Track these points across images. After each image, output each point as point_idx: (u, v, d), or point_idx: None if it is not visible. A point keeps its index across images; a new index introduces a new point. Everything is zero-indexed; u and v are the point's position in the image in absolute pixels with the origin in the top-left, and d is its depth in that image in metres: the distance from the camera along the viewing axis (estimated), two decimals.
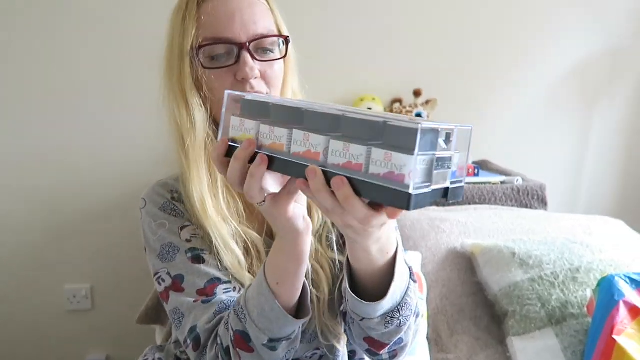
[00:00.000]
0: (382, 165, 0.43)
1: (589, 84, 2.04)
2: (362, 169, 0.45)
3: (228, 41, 0.72)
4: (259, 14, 0.74)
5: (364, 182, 0.45)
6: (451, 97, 1.95)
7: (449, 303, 1.36)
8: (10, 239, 1.85)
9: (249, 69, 0.71)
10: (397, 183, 0.42)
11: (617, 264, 1.28)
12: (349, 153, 0.45)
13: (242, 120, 0.55)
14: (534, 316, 1.19)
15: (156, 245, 0.79)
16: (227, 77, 0.73)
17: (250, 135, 0.54)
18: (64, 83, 1.77)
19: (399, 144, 0.43)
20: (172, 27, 0.76)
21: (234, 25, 0.72)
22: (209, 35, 0.72)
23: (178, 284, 0.76)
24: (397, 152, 0.42)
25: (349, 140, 0.45)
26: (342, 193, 0.46)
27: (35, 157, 1.80)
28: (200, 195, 0.76)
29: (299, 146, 0.49)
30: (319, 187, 0.48)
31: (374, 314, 0.66)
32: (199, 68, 0.73)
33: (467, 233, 1.48)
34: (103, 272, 1.91)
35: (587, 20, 1.98)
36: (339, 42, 1.88)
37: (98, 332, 1.96)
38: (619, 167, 2.14)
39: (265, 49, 0.75)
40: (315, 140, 0.48)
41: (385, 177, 0.43)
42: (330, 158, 0.47)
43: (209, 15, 0.72)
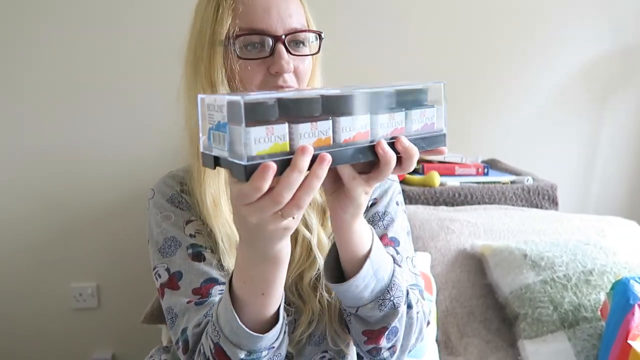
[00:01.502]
0: (418, 121, 0.55)
1: (599, 84, 2.01)
2: (404, 131, 0.55)
3: (264, 32, 0.71)
4: (294, 8, 0.73)
5: (414, 139, 0.55)
6: (460, 96, 1.92)
7: (458, 305, 1.34)
8: (17, 237, 1.85)
9: (284, 62, 0.70)
10: (433, 131, 0.56)
11: (632, 267, 1.25)
12: (395, 121, 0.54)
13: (268, 128, 0.45)
14: (546, 319, 1.17)
15: (159, 238, 0.78)
16: (260, 69, 0.71)
17: (285, 142, 0.46)
18: (70, 80, 1.76)
19: (421, 101, 0.55)
20: (202, 16, 0.73)
21: (271, 17, 0.71)
22: (244, 26, 0.71)
23: (175, 281, 0.75)
24: (426, 108, 0.56)
25: (389, 111, 0.54)
26: (412, 149, 0.54)
27: (41, 155, 1.80)
28: (216, 193, 0.74)
29: (348, 132, 0.50)
30: (391, 159, 0.54)
31: (362, 295, 0.66)
32: (233, 57, 0.71)
33: (477, 234, 1.46)
34: (109, 270, 1.90)
35: (597, 19, 1.95)
36: (344, 43, 1.86)
37: (104, 331, 1.95)
38: (630, 167, 2.11)
39: (298, 43, 0.74)
40: (362, 121, 0.51)
41: (424, 129, 0.56)
42: (379, 131, 0.53)
43: (245, 5, 0.71)
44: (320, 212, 0.78)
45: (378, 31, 1.87)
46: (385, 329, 0.70)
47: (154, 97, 1.72)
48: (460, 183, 1.63)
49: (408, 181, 1.64)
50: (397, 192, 0.86)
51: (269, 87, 0.72)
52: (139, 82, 1.77)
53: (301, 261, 0.76)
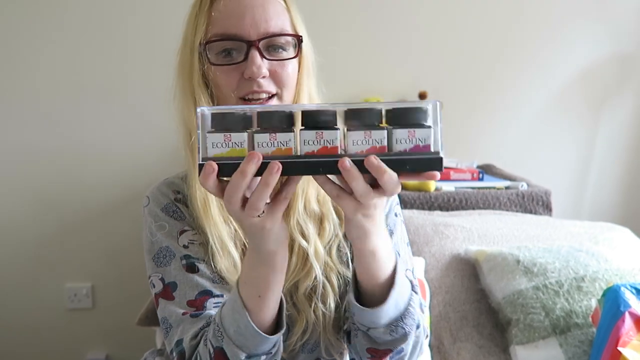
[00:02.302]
0: (408, 141, 0.51)
1: (595, 90, 2.03)
2: (387, 149, 0.51)
3: (237, 38, 0.71)
4: (273, 12, 0.72)
5: (392, 159, 0.51)
6: (456, 100, 1.93)
7: (452, 310, 1.35)
8: (12, 237, 1.85)
9: (255, 67, 0.70)
10: (425, 152, 0.51)
11: (623, 274, 1.26)
12: (371, 139, 0.51)
13: (225, 135, 0.51)
14: (537, 325, 1.18)
15: (153, 248, 0.78)
16: (234, 75, 0.71)
17: (243, 148, 0.52)
18: (67, 81, 1.77)
19: (416, 121, 0.51)
20: (187, 23, 0.76)
21: (243, 22, 0.70)
22: (218, 32, 0.71)
23: (169, 291, 0.75)
24: (418, 128, 0.51)
25: (366, 128, 0.51)
26: (381, 168, 0.51)
27: (36, 156, 1.80)
28: (204, 194, 0.75)
29: (311, 145, 0.51)
30: (355, 174, 0.51)
31: (378, 322, 0.67)
32: (208, 64, 0.72)
33: (471, 239, 1.46)
34: (104, 271, 1.91)
35: (593, 26, 1.97)
36: (344, 45, 1.87)
37: (98, 331, 1.95)
38: (625, 174, 2.12)
39: (276, 48, 0.73)
40: (329, 135, 0.51)
41: (413, 150, 0.51)
42: (351, 148, 0.52)
43: (220, 11, 0.71)
44: (317, 221, 0.78)
45: (376, 38, 1.88)
46: (391, 351, 0.71)
47: (152, 97, 1.72)
48: (455, 188, 1.64)
49: (403, 185, 1.65)
50: (396, 204, 0.86)
51: (244, 92, 0.72)
52: (137, 82, 1.78)
53: (297, 271, 0.76)
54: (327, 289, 0.77)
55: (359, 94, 1.89)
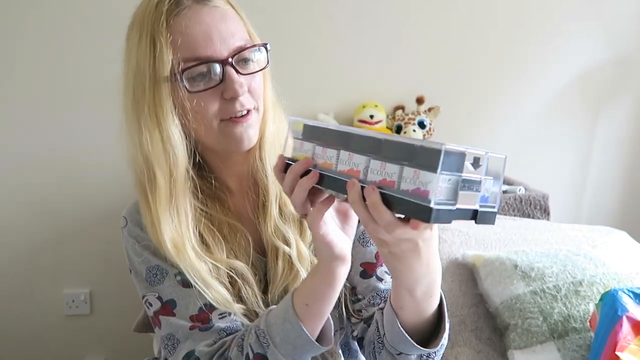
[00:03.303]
0: (411, 182, 0.49)
1: (593, 94, 2.03)
2: (395, 185, 0.50)
3: (210, 59, 0.67)
4: (234, 25, 0.70)
5: (395, 197, 0.50)
6: (454, 104, 1.94)
7: (449, 314, 1.35)
8: (9, 243, 1.85)
9: (238, 86, 0.67)
10: (422, 198, 0.47)
11: (621, 278, 1.26)
12: (385, 171, 0.51)
13: (302, 142, 0.62)
14: (535, 330, 1.18)
15: (141, 268, 0.76)
16: (213, 98, 0.68)
17: (307, 155, 0.60)
18: (64, 85, 1.77)
19: (425, 163, 0.48)
20: (137, 52, 0.68)
21: (213, 41, 0.67)
22: (188, 56, 0.67)
23: (169, 308, 0.74)
24: (423, 170, 0.48)
25: (385, 159, 0.51)
26: (370, 199, 0.50)
27: (34, 161, 1.80)
28: (172, 236, 0.70)
29: (344, 165, 0.55)
30: (355, 199, 0.52)
31: (413, 352, 0.68)
32: (184, 93, 0.67)
33: (468, 243, 1.46)
34: (102, 277, 1.90)
35: (591, 30, 1.97)
36: (342, 49, 1.88)
37: (96, 337, 1.95)
38: (622, 177, 2.13)
39: (246, 61, 0.70)
40: (358, 159, 0.54)
41: (413, 192, 0.48)
42: (370, 175, 0.53)
43: (183, 34, 0.67)
44: (297, 223, 0.79)
45: (374, 42, 1.88)
46: None
47: None
48: None
49: None
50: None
51: (227, 114, 0.69)
52: None
53: (284, 275, 0.76)
54: None
55: (356, 98, 1.89)
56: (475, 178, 0.50)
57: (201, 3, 0.69)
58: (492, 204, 0.52)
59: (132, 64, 0.69)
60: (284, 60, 1.82)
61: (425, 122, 1.85)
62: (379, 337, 0.73)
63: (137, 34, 0.68)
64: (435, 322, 0.69)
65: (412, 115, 1.86)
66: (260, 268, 0.79)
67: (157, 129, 0.68)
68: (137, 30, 0.69)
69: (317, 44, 1.85)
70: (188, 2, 0.68)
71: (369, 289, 0.81)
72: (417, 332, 0.67)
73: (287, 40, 1.81)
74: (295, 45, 1.82)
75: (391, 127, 1.89)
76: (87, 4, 1.73)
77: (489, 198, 0.52)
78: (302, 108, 1.82)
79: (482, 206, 0.51)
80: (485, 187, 0.51)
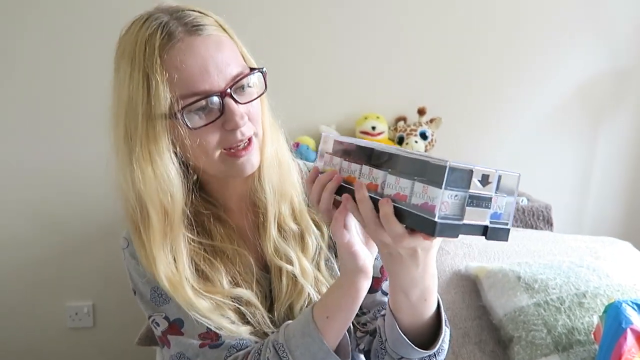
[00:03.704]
0: (421, 196, 0.51)
1: (594, 104, 2.04)
2: (407, 199, 0.53)
3: (208, 93, 0.65)
4: (228, 52, 0.67)
5: (405, 210, 0.52)
6: (456, 115, 1.94)
7: (453, 326, 1.34)
8: (13, 255, 1.85)
9: (238, 117, 0.66)
10: (428, 212, 0.49)
11: (625, 289, 1.25)
12: (399, 185, 0.54)
13: (331, 157, 0.67)
14: (539, 342, 1.17)
15: (145, 289, 0.75)
16: (214, 131, 0.66)
17: (335, 168, 0.65)
18: (68, 98, 1.78)
19: (433, 179, 0.50)
20: (128, 87, 0.65)
21: (210, 74, 0.64)
22: (185, 93, 0.64)
23: (177, 328, 0.74)
24: (431, 186, 0.50)
25: (400, 174, 0.54)
26: (383, 210, 0.53)
27: (37, 174, 1.81)
28: (168, 275, 0.69)
29: (365, 179, 0.59)
30: (362, 197, 0.55)
31: (414, 356, 0.70)
32: (185, 130, 0.65)
33: (471, 255, 1.46)
34: (105, 290, 1.90)
35: (592, 40, 1.98)
36: (344, 61, 1.89)
37: (99, 350, 1.95)
38: (625, 187, 2.12)
39: (243, 88, 0.68)
40: (376, 174, 0.58)
41: (422, 206, 0.51)
42: (386, 189, 0.56)
43: (178, 70, 0.64)
44: (298, 238, 0.78)
45: (375, 54, 1.89)
46: None
47: None
48: None
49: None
50: None
51: (228, 144, 0.68)
52: None
53: (289, 292, 0.77)
54: None
55: (358, 110, 1.90)
56: (485, 195, 0.51)
57: (194, 34, 0.65)
58: (505, 220, 0.53)
59: (124, 98, 0.66)
60: (286, 72, 1.83)
61: (427, 133, 1.86)
62: (381, 343, 0.74)
63: (128, 67, 0.65)
64: (434, 328, 0.71)
65: (414, 126, 1.87)
66: (264, 285, 0.79)
67: (150, 166, 0.66)
68: (128, 64, 0.65)
69: (318, 55, 1.87)
70: (180, 35, 0.65)
71: (374, 303, 0.82)
72: (416, 336, 0.69)
73: (288, 53, 1.82)
74: (297, 57, 1.84)
75: (393, 138, 1.90)
76: (94, 19, 1.74)
77: (502, 215, 0.53)
78: (304, 120, 1.83)
79: (492, 222, 0.52)
80: (497, 204, 0.52)
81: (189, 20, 0.66)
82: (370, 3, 1.86)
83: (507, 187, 0.52)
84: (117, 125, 0.68)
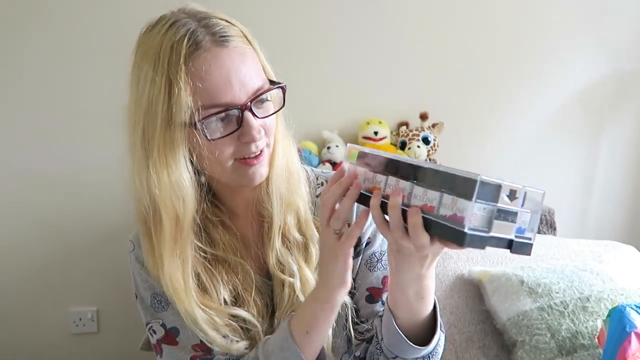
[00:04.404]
0: (449, 208, 0.53)
1: (596, 108, 2.04)
2: (434, 210, 0.54)
3: (229, 106, 0.65)
4: (250, 64, 0.68)
5: (433, 220, 0.54)
6: (458, 120, 1.95)
7: (456, 331, 1.34)
8: (16, 260, 1.86)
9: (256, 132, 0.66)
10: (458, 223, 0.51)
11: (629, 293, 1.25)
12: (426, 197, 0.55)
13: (355, 167, 0.67)
14: (543, 347, 1.17)
15: (146, 295, 0.76)
16: (230, 142, 0.67)
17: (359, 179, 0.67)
18: (73, 105, 1.79)
19: (463, 192, 0.52)
20: (149, 92, 0.65)
21: (232, 86, 0.65)
22: (207, 103, 0.64)
23: (172, 336, 0.74)
24: (461, 198, 0.52)
25: (428, 186, 0.56)
26: (412, 220, 0.54)
27: (41, 178, 1.82)
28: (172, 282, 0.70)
29: (391, 189, 0.60)
30: (396, 204, 0.56)
31: (409, 356, 0.70)
32: (203, 140, 0.65)
33: (474, 259, 1.46)
34: (109, 295, 1.90)
35: (593, 45, 1.99)
36: (346, 66, 1.90)
37: (103, 356, 1.95)
38: (628, 190, 2.12)
39: (263, 101, 0.69)
40: (403, 185, 0.59)
41: (450, 218, 0.52)
42: (412, 200, 0.57)
43: (202, 80, 0.64)
44: (302, 249, 0.79)
45: (377, 59, 1.90)
46: None
47: None
48: None
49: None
50: None
51: (241, 155, 0.68)
52: None
53: (290, 302, 0.77)
54: None
55: (360, 115, 1.91)
56: (512, 209, 0.53)
57: (220, 45, 0.65)
58: (529, 235, 0.55)
59: (144, 101, 0.65)
60: (288, 77, 1.83)
61: (430, 138, 1.86)
62: (377, 343, 0.75)
63: (151, 71, 0.64)
64: (430, 330, 0.72)
65: (416, 131, 1.88)
66: (266, 293, 0.79)
67: (165, 171, 0.66)
68: (150, 67, 0.65)
69: (321, 61, 1.87)
70: (207, 45, 0.65)
71: (373, 313, 0.82)
72: (411, 336, 0.69)
73: (290, 58, 1.83)
74: (299, 63, 1.84)
75: (395, 143, 1.91)
76: (96, 22, 1.75)
77: (526, 230, 0.55)
78: (306, 125, 1.82)
79: (517, 237, 0.54)
80: (522, 219, 0.54)
81: (216, 30, 0.66)
82: (372, 8, 1.87)
83: (532, 203, 0.54)
84: (134, 128, 0.68)
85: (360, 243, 0.82)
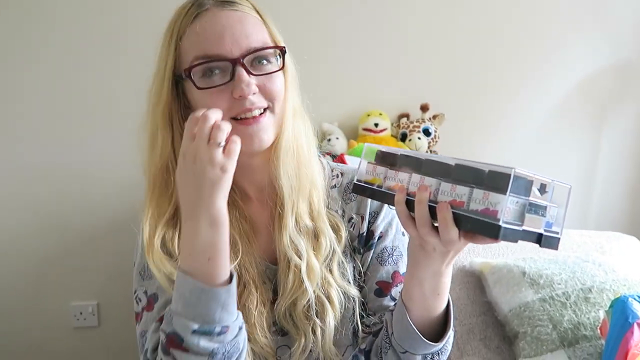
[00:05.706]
0: (481, 202, 0.53)
1: (598, 99, 2.02)
2: (464, 205, 0.54)
3: (220, 57, 0.68)
4: (251, 27, 0.70)
5: (465, 215, 0.54)
6: (458, 111, 1.94)
7: (458, 323, 1.34)
8: (17, 255, 1.86)
9: (245, 85, 0.67)
10: (491, 217, 0.52)
11: (631, 284, 1.25)
12: (455, 192, 0.55)
13: (374, 166, 0.68)
14: (545, 338, 1.17)
15: (140, 261, 0.78)
16: (223, 96, 0.68)
17: (380, 178, 0.67)
18: (72, 99, 1.78)
19: (495, 186, 0.52)
20: (159, 52, 0.73)
21: (224, 41, 0.68)
22: (199, 54, 0.68)
23: (152, 302, 0.74)
24: (493, 192, 0.52)
25: (455, 182, 0.56)
26: (442, 214, 0.55)
27: (42, 174, 1.81)
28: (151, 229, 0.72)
29: (415, 187, 0.61)
30: (423, 199, 0.57)
31: (419, 351, 0.71)
32: (193, 90, 0.69)
33: (475, 251, 1.46)
34: (110, 289, 1.90)
35: (594, 36, 1.97)
36: (345, 58, 1.88)
37: (104, 349, 1.95)
38: (630, 181, 2.11)
39: (261, 61, 0.71)
40: (429, 182, 0.59)
41: (482, 212, 0.53)
42: (440, 196, 0.57)
43: (198, 34, 0.69)
44: (311, 236, 0.78)
45: (378, 51, 1.89)
46: None
47: None
48: None
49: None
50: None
51: (236, 112, 0.69)
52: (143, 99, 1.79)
53: (294, 289, 0.76)
54: (325, 306, 0.77)
55: (361, 107, 1.89)
56: (542, 203, 0.54)
57: (221, 7, 0.70)
58: (557, 230, 0.56)
59: (156, 63, 0.73)
60: None
61: (430, 130, 1.85)
62: (386, 337, 0.74)
63: (165, 36, 0.72)
64: (441, 328, 0.72)
65: (417, 122, 1.86)
66: (271, 277, 0.79)
67: (167, 123, 0.72)
68: (167, 35, 0.72)
69: (320, 53, 1.86)
70: (209, 5, 0.70)
71: (381, 307, 0.81)
72: (423, 331, 0.70)
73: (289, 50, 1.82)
74: (298, 55, 1.83)
75: (396, 135, 1.89)
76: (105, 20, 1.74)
77: (553, 224, 0.56)
78: None
79: (546, 231, 0.55)
80: (550, 213, 0.55)
81: None
82: (372, 0, 1.85)
83: (559, 198, 0.56)
84: (149, 94, 0.74)
85: (373, 237, 0.81)
